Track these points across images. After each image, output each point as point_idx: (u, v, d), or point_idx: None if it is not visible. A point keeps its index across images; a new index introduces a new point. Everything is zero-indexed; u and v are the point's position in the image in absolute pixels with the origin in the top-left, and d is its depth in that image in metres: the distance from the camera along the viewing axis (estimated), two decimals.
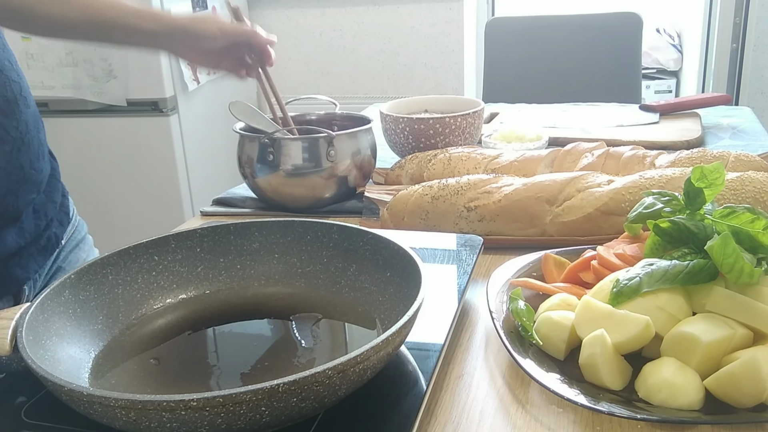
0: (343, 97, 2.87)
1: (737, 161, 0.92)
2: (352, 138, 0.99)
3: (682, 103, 1.42)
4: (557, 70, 2.12)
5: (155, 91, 2.40)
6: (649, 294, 0.57)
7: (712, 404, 0.53)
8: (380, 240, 0.66)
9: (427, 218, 0.87)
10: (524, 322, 0.61)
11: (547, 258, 0.72)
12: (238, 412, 0.43)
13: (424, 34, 2.89)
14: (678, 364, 0.54)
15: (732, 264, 0.55)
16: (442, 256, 0.75)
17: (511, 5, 3.14)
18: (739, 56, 2.73)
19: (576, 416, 0.54)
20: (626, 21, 2.07)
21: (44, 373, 0.46)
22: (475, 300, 0.73)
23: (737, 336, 0.54)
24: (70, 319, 0.59)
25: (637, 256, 0.65)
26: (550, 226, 0.82)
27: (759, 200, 0.78)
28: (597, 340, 0.55)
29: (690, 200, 0.63)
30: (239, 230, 0.71)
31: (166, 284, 0.68)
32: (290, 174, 0.97)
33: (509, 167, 0.98)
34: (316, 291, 0.69)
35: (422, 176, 1.02)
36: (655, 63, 3.36)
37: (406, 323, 0.50)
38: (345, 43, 2.95)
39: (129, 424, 0.44)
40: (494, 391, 0.58)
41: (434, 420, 0.54)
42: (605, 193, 0.81)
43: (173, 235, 0.69)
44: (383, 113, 1.16)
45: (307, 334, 0.62)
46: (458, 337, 0.66)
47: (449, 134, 1.12)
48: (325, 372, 0.44)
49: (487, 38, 2.18)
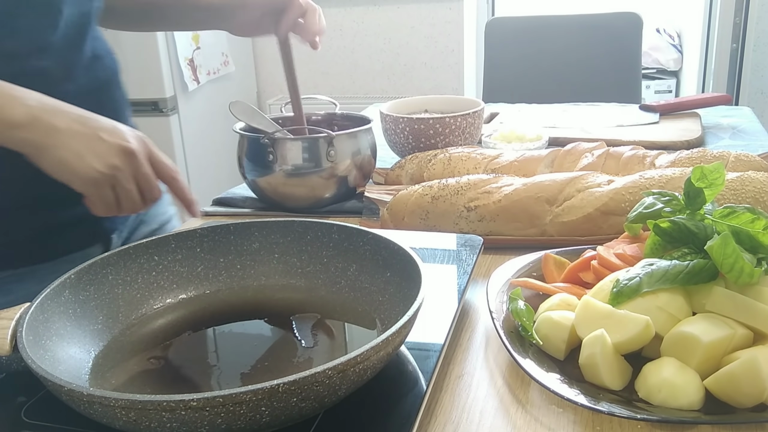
0: (343, 97, 2.88)
1: (737, 161, 0.92)
2: (352, 138, 0.99)
3: (682, 103, 1.42)
4: (557, 70, 2.12)
5: (155, 91, 2.41)
6: (649, 294, 0.57)
7: (712, 404, 0.53)
8: (380, 240, 0.66)
9: (427, 218, 0.87)
10: (524, 322, 0.61)
11: (547, 258, 0.72)
12: (238, 412, 0.43)
13: (424, 34, 2.89)
14: (678, 364, 0.54)
15: (732, 264, 0.55)
16: (442, 256, 0.75)
17: (511, 5, 3.14)
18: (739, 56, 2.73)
19: (576, 416, 0.54)
20: (626, 21, 2.07)
21: (44, 373, 0.46)
22: (475, 300, 0.73)
23: (737, 336, 0.54)
24: (70, 319, 0.59)
25: (637, 256, 0.65)
26: (550, 226, 0.82)
27: (759, 200, 0.78)
28: (597, 340, 0.55)
29: (690, 200, 0.63)
30: (239, 230, 0.71)
31: (166, 284, 0.68)
32: (290, 174, 0.97)
33: (509, 167, 0.98)
34: (316, 291, 0.69)
35: (422, 176, 1.02)
36: (655, 63, 3.37)
37: (406, 323, 0.50)
38: (345, 43, 2.95)
39: (129, 424, 0.44)
40: (494, 391, 0.58)
41: (434, 420, 0.54)
42: (605, 193, 0.81)
43: (173, 235, 0.69)
44: (383, 113, 1.16)
45: (307, 334, 0.62)
46: (458, 337, 0.66)
47: (449, 134, 1.12)
48: (325, 372, 0.44)
49: (487, 38, 2.18)
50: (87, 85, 0.85)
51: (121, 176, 0.69)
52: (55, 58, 0.81)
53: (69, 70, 0.83)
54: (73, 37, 0.83)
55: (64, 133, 0.67)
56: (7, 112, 0.66)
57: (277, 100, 3.03)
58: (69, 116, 0.69)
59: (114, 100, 0.91)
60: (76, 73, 0.84)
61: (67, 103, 0.71)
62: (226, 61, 2.83)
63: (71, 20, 0.82)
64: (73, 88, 0.82)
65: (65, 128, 0.67)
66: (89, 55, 0.86)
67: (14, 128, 0.66)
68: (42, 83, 0.75)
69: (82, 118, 0.70)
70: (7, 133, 0.66)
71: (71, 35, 0.83)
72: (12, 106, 0.66)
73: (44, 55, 0.79)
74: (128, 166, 0.69)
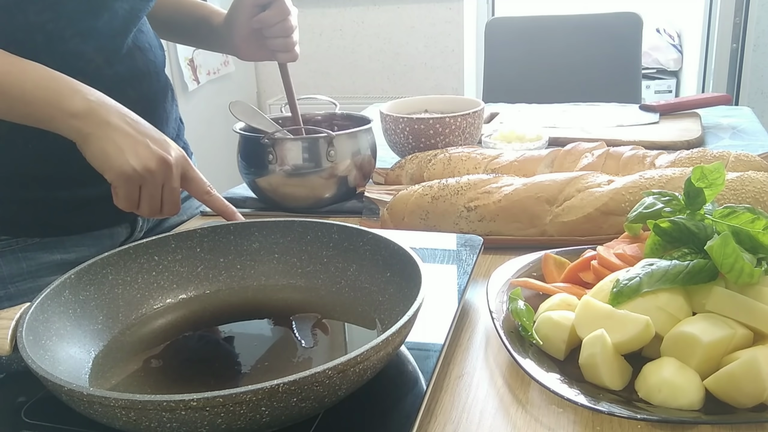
0: (343, 97, 2.88)
1: (737, 161, 0.92)
2: (352, 138, 0.99)
3: (682, 103, 1.42)
4: (557, 70, 2.12)
5: None
6: (649, 294, 0.57)
7: (712, 404, 0.53)
8: (380, 240, 0.66)
9: (427, 218, 0.87)
10: (524, 322, 0.61)
11: (547, 258, 0.72)
12: (238, 412, 0.43)
13: (424, 34, 2.89)
14: (678, 364, 0.54)
15: (732, 264, 0.55)
16: (442, 256, 0.75)
17: (511, 5, 3.14)
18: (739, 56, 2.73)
19: (576, 416, 0.54)
20: (626, 21, 2.07)
21: (44, 373, 0.46)
22: (475, 300, 0.73)
23: (737, 336, 0.54)
24: (70, 319, 0.59)
25: (637, 256, 0.65)
26: (550, 226, 0.82)
27: (759, 200, 0.78)
28: (597, 340, 0.55)
29: (690, 200, 0.63)
30: (239, 230, 0.71)
31: (166, 284, 0.68)
32: (290, 174, 0.97)
33: (509, 167, 0.98)
34: (316, 291, 0.69)
35: (422, 176, 1.02)
36: (655, 63, 3.37)
37: (406, 323, 0.50)
38: (345, 43, 2.95)
39: (129, 424, 0.44)
40: (494, 391, 0.58)
41: (434, 420, 0.54)
42: (605, 193, 0.81)
43: (173, 235, 0.69)
44: (383, 113, 1.16)
45: (307, 334, 0.62)
46: (458, 337, 0.66)
47: (449, 134, 1.12)
48: (325, 372, 0.44)
49: (487, 38, 2.18)
50: (125, 73, 0.88)
51: (151, 180, 0.73)
52: (96, 44, 0.84)
53: (109, 56, 0.86)
54: (118, 27, 0.87)
55: (114, 128, 0.72)
56: (68, 101, 0.72)
57: (277, 100, 3.03)
58: (124, 117, 0.74)
59: (152, 91, 0.94)
60: (115, 60, 0.87)
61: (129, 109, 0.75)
62: (226, 61, 2.84)
63: (121, 12, 0.86)
64: (110, 74, 0.86)
65: (117, 125, 0.72)
66: (131, 46, 0.90)
67: (72, 117, 0.71)
68: (81, 66, 0.83)
69: (137, 123, 0.74)
70: (66, 121, 0.72)
71: (117, 25, 0.86)
72: (73, 98, 0.72)
73: (87, 40, 0.83)
74: (161, 175, 0.73)
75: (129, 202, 0.74)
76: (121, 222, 0.96)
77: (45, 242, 0.89)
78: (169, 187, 0.75)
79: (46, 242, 0.89)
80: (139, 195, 0.74)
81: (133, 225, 0.98)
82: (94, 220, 0.92)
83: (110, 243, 0.95)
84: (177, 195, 0.76)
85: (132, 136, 0.72)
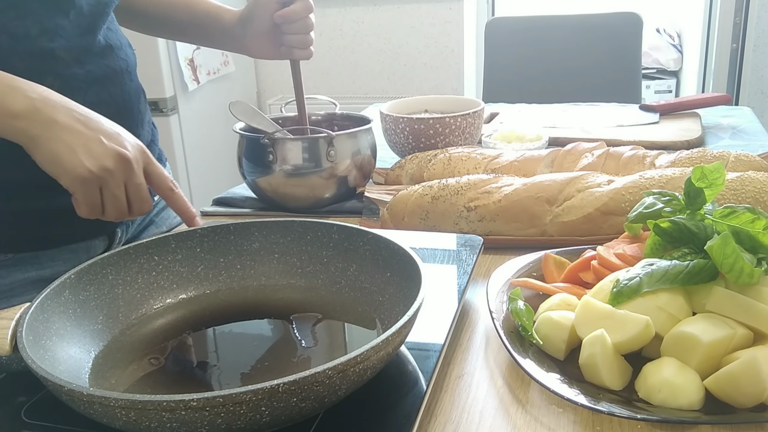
0: (343, 97, 2.88)
1: (737, 161, 0.92)
2: (352, 138, 0.99)
3: (682, 103, 1.42)
4: (557, 70, 2.12)
5: (155, 91, 2.40)
6: (649, 294, 0.57)
7: (712, 404, 0.53)
8: (380, 240, 0.66)
9: (427, 218, 0.87)
10: (524, 322, 0.61)
11: (547, 258, 0.72)
12: (238, 412, 0.43)
13: (424, 34, 2.89)
14: (678, 364, 0.54)
15: (732, 264, 0.55)
16: (442, 256, 0.75)
17: (511, 5, 3.14)
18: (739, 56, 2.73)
19: (576, 416, 0.54)
20: (626, 21, 2.07)
21: (44, 373, 0.46)
22: (475, 300, 0.73)
23: (737, 336, 0.54)
24: (70, 319, 0.59)
25: (637, 256, 0.65)
26: (550, 226, 0.82)
27: (759, 200, 0.78)
28: (597, 340, 0.55)
29: (690, 200, 0.63)
30: (239, 230, 0.71)
31: (166, 284, 0.68)
32: (290, 174, 0.97)
33: (509, 167, 0.98)
34: (316, 291, 0.69)
35: (422, 176, 1.02)
36: (655, 63, 3.37)
37: (406, 323, 0.50)
38: (345, 43, 2.95)
39: (129, 424, 0.44)
40: (494, 391, 0.58)
41: (434, 420, 0.54)
42: (605, 193, 0.81)
43: (173, 235, 0.69)
44: (383, 113, 1.16)
45: (307, 334, 0.62)
46: (458, 337, 0.66)
47: (449, 134, 1.12)
48: (325, 372, 0.44)
49: (487, 38, 2.18)
50: (97, 72, 0.85)
51: (110, 180, 0.68)
52: (65, 43, 0.81)
53: (79, 55, 0.83)
54: (86, 23, 0.83)
55: (62, 127, 0.66)
56: (7, 101, 0.66)
57: (277, 100, 3.03)
58: (72, 113, 0.68)
59: (125, 91, 0.90)
60: (87, 59, 0.84)
61: (103, 111, 0.71)
62: (226, 61, 2.83)
63: (86, 7, 0.82)
64: (82, 73, 0.82)
65: (65, 123, 0.67)
66: (102, 44, 0.86)
67: (14, 118, 0.66)
68: (50, 65, 0.78)
69: (86, 118, 0.69)
70: (7, 122, 0.66)
71: (84, 22, 0.83)
72: (13, 96, 0.66)
73: (54, 38, 0.79)
74: (120, 173, 0.68)
75: (91, 207, 0.69)
76: (98, 234, 0.91)
77: (18, 258, 0.84)
78: (133, 184, 0.69)
79: (20, 258, 0.84)
80: (102, 198, 0.69)
81: (111, 237, 0.93)
82: (71, 233, 0.87)
83: (87, 257, 0.86)
84: (144, 191, 0.71)
85: (83, 134, 0.67)
